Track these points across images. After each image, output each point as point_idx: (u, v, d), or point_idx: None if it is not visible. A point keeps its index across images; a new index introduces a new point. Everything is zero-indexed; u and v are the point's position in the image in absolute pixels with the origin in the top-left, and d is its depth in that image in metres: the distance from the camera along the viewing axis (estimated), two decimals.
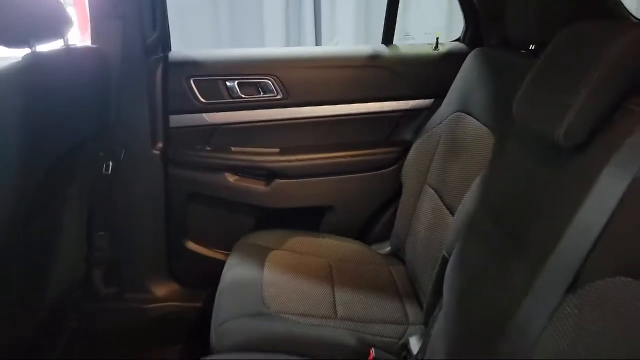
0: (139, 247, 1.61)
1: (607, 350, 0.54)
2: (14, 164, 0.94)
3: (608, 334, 0.54)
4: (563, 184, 0.69)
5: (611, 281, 0.55)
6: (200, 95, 1.53)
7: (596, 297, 0.56)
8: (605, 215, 0.58)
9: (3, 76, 0.89)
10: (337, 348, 1.08)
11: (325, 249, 1.44)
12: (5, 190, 0.94)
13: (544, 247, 0.66)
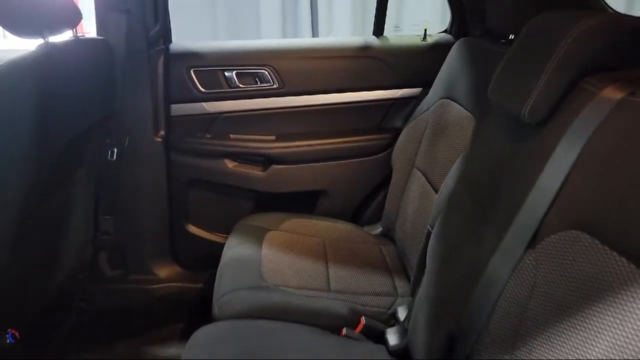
0: (142, 231, 1.69)
1: (560, 296, 0.62)
2: (30, 146, 1.01)
3: (560, 281, 0.63)
4: (527, 156, 0.77)
5: (563, 235, 0.63)
6: (200, 85, 1.61)
7: (550, 250, 0.65)
8: (559, 180, 0.67)
9: (21, 64, 0.97)
10: (331, 316, 1.16)
11: (319, 230, 1.52)
12: (21, 171, 1.02)
13: (509, 212, 0.74)
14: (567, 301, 0.61)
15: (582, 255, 0.60)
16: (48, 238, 1.23)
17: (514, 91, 0.83)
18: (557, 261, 0.64)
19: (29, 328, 1.14)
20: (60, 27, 1.14)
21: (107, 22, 1.44)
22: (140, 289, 1.72)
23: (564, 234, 0.63)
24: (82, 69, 1.23)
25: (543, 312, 0.64)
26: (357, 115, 1.68)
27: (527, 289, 0.67)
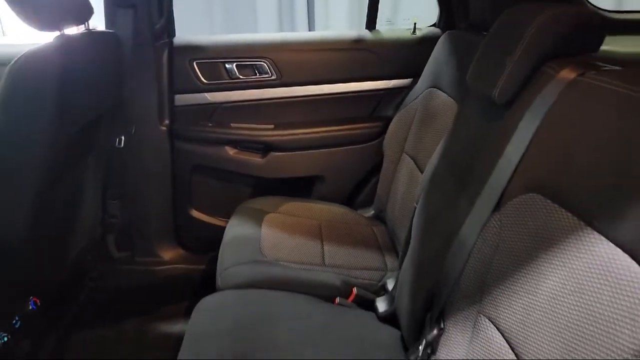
0: (148, 215, 1.79)
1: (519, 250, 0.72)
2: (49, 130, 1.11)
3: (520, 237, 0.72)
4: (497, 133, 0.87)
5: (523, 198, 0.73)
6: (202, 76, 1.70)
7: (512, 212, 0.75)
8: (521, 151, 0.76)
9: (42, 53, 1.07)
10: (325, 287, 1.26)
11: (316, 212, 1.62)
12: (41, 153, 1.11)
13: (481, 182, 0.84)
14: (524, 253, 0.70)
15: (538, 213, 0.70)
16: (62, 216, 1.33)
17: (487, 76, 0.92)
18: (517, 221, 0.74)
19: (46, 299, 1.24)
20: (74, 20, 1.23)
21: (115, 17, 1.54)
22: (146, 270, 1.82)
23: (524, 197, 0.73)
24: (94, 60, 1.33)
25: (505, 266, 0.74)
26: (350, 104, 1.77)
27: (492, 247, 0.77)
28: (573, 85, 0.73)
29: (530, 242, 0.70)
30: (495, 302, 0.74)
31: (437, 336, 0.86)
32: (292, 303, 1.17)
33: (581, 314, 0.57)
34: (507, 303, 0.71)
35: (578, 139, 0.67)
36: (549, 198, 0.68)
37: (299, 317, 1.12)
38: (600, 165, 0.61)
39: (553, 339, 0.60)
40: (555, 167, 0.69)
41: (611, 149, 0.61)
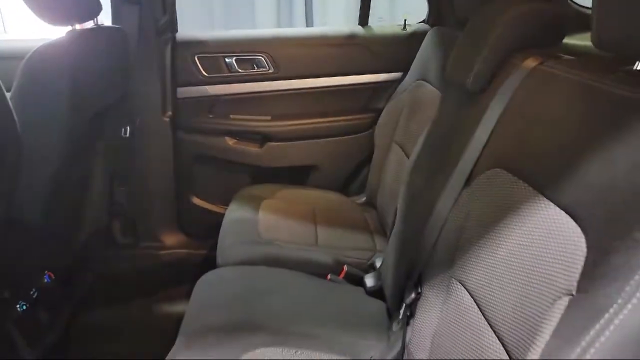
0: (151, 202, 1.88)
1: (486, 219, 0.81)
2: (64, 117, 1.20)
3: (486, 208, 0.82)
4: (470, 117, 0.96)
5: (489, 173, 0.83)
6: (204, 70, 1.79)
7: (480, 185, 0.84)
8: (488, 132, 0.86)
9: (56, 47, 1.16)
10: (318, 265, 1.35)
11: (310, 199, 1.71)
12: (58, 133, 1.20)
13: (455, 161, 0.93)
14: (489, 221, 0.80)
15: (501, 186, 0.79)
16: (73, 199, 1.42)
17: (463, 67, 1.02)
18: (484, 193, 0.83)
19: (60, 275, 1.33)
20: (85, 16, 1.32)
21: (121, 13, 1.63)
22: (150, 255, 1.91)
23: (490, 172, 0.83)
24: (102, 54, 1.42)
25: (473, 233, 0.83)
26: (344, 97, 1.87)
27: (462, 217, 0.87)
28: (533, 73, 0.82)
29: (494, 211, 0.79)
30: (465, 266, 0.83)
31: (415, 300, 0.95)
32: (286, 278, 1.27)
33: (531, 265, 0.66)
34: (474, 266, 0.80)
35: (534, 119, 0.76)
36: (510, 172, 0.78)
37: (293, 291, 1.22)
38: (549, 143, 0.71)
39: (509, 288, 0.69)
40: (516, 145, 0.79)
41: (559, 128, 0.70)
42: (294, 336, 1.03)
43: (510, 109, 0.83)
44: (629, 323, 0.47)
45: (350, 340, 1.05)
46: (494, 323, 0.72)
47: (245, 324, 1.06)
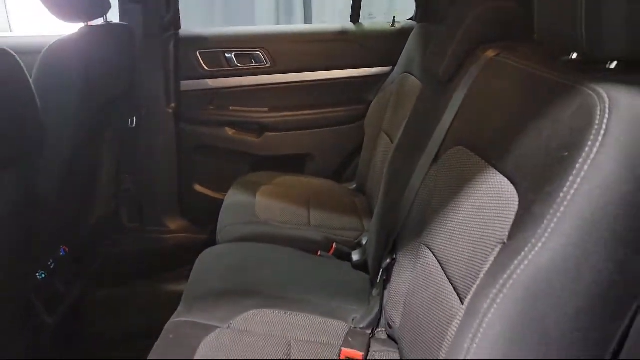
0: (156, 189, 2.00)
1: (448, 190, 0.93)
2: (77, 104, 1.32)
3: (449, 179, 0.93)
4: (440, 103, 1.08)
5: (452, 150, 0.94)
6: (205, 65, 1.91)
7: (445, 162, 0.96)
8: (452, 115, 0.98)
9: (70, 41, 1.28)
10: (309, 242, 1.47)
11: (304, 185, 1.83)
12: (71, 125, 1.32)
13: (425, 142, 1.05)
14: (451, 191, 0.91)
15: (461, 161, 0.91)
16: (85, 182, 1.55)
17: (436, 59, 1.14)
18: (447, 168, 0.95)
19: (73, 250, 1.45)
20: (95, 14, 1.44)
21: (128, 11, 1.75)
22: (155, 238, 2.03)
23: (452, 150, 0.94)
24: (111, 48, 1.54)
25: (438, 203, 0.95)
26: (336, 89, 1.98)
27: (430, 190, 0.98)
28: (489, 63, 0.94)
29: (454, 183, 0.91)
30: (431, 232, 0.95)
31: (390, 265, 1.07)
32: (279, 253, 1.39)
33: (480, 225, 0.78)
34: (438, 231, 0.92)
35: (488, 103, 0.88)
36: (468, 148, 0.89)
37: (285, 264, 1.34)
38: (499, 122, 0.82)
39: (464, 246, 0.81)
40: (474, 126, 0.90)
41: (506, 109, 0.82)
42: (284, 301, 1.15)
43: (469, 95, 0.95)
44: (539, 259, 0.59)
45: (335, 306, 1.17)
46: (451, 277, 0.83)
47: (241, 290, 1.19)
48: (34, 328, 1.22)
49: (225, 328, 1.05)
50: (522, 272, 0.60)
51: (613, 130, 0.56)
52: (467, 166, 0.88)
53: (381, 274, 1.09)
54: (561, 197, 0.58)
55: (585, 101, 0.61)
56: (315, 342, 1.04)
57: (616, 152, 0.56)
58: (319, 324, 1.09)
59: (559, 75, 0.71)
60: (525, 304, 0.59)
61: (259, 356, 0.97)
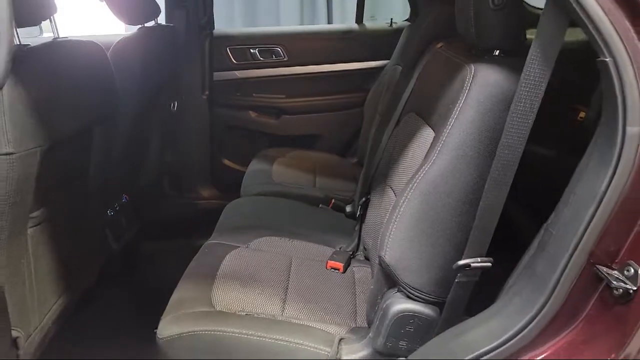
0: (192, 162, 2.42)
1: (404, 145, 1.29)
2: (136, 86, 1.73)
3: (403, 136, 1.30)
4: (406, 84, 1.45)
5: (406, 117, 1.31)
6: (233, 58, 2.32)
7: (401, 125, 1.33)
8: (410, 91, 1.34)
9: (132, 39, 1.70)
10: (312, 198, 1.85)
11: (313, 158, 2.21)
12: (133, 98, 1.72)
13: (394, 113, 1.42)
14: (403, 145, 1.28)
15: (410, 123, 1.27)
16: (139, 150, 1.97)
17: (408, 50, 1.50)
18: (402, 128, 1.31)
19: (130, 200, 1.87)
20: (149, 17, 1.86)
21: (173, 15, 2.17)
22: (190, 204, 2.44)
23: (407, 116, 1.31)
24: (160, 45, 1.96)
25: (397, 155, 1.31)
26: (342, 79, 2.37)
27: (392, 146, 1.35)
28: (435, 53, 1.30)
29: (406, 138, 1.27)
30: (392, 175, 1.31)
31: (365, 202, 1.45)
32: (288, 204, 1.78)
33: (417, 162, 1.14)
34: (396, 174, 1.29)
35: (427, 80, 1.25)
36: (415, 113, 1.26)
37: (292, 211, 1.72)
38: (432, 93, 1.19)
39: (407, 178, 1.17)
40: (419, 97, 1.27)
41: (435, 84, 1.18)
42: (289, 232, 1.53)
43: (420, 76, 1.32)
44: (430, 171, 0.95)
45: (327, 238, 1.55)
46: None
47: (257, 225, 1.58)
48: (104, 252, 1.64)
49: (244, 247, 1.44)
50: (420, 180, 0.97)
51: (473, 91, 0.93)
52: (413, 126, 1.24)
53: (359, 210, 1.47)
54: (444, 132, 0.95)
55: (463, 74, 0.97)
56: (309, 259, 1.42)
57: (474, 104, 0.92)
58: (314, 247, 1.47)
59: (461, 59, 1.07)
60: (423, 198, 0.96)
61: (268, 265, 1.35)
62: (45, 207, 1.19)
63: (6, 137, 0.98)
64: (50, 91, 1.15)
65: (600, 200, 0.73)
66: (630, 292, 0.72)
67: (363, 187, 1.56)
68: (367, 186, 1.49)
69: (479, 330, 0.86)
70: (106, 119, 1.47)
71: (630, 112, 0.70)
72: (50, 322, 1.27)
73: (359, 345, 1.10)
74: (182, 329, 1.09)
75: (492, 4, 0.94)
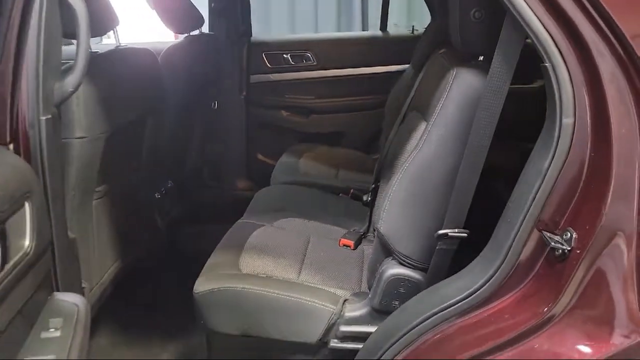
0: (229, 156, 2.68)
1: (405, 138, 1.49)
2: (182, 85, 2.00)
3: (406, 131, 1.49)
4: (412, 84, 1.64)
5: (411, 114, 1.50)
6: (268, 63, 2.57)
7: (405, 121, 1.52)
8: (414, 91, 1.53)
9: (180, 45, 1.97)
10: (334, 188, 2.06)
11: (337, 153, 2.42)
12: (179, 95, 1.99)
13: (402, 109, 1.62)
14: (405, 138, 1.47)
15: (411, 118, 1.46)
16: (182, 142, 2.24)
17: (417, 55, 1.70)
18: (405, 124, 1.51)
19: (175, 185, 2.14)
20: (194, 27, 2.13)
21: (215, 24, 2.44)
22: (227, 194, 2.70)
23: (411, 113, 1.50)
24: (204, 50, 2.23)
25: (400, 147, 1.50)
26: (366, 82, 2.57)
27: (398, 140, 1.54)
28: (435, 57, 1.49)
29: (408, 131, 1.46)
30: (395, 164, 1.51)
31: (375, 189, 1.64)
32: (311, 192, 1.99)
33: None
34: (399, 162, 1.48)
35: (426, 82, 1.43)
36: (416, 111, 1.45)
37: (314, 198, 1.94)
38: (429, 91, 1.38)
39: None
40: (419, 96, 1.46)
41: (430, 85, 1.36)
42: (308, 215, 1.75)
43: (422, 78, 1.51)
44: (418, 156, 1.14)
45: (344, 221, 1.75)
46: None
47: (281, 208, 1.80)
48: (152, 229, 1.91)
49: (270, 225, 1.67)
50: (410, 164, 1.16)
51: (453, 91, 1.12)
52: (414, 122, 1.43)
53: (370, 196, 1.67)
54: (429, 125, 1.14)
55: (447, 76, 1.16)
56: (325, 237, 1.63)
57: (454, 101, 1.11)
58: (330, 228, 1.68)
59: (450, 63, 1.25)
60: (412, 179, 1.16)
61: (288, 240, 1.57)
62: (106, 184, 1.46)
63: (80, 124, 1.25)
64: (112, 89, 1.42)
65: (543, 177, 0.91)
66: (565, 252, 0.89)
67: (375, 176, 1.76)
68: (377, 175, 1.69)
69: (450, 287, 1.05)
70: (156, 112, 1.74)
71: (564, 106, 0.87)
72: (108, 281, 1.54)
73: (359, 304, 1.30)
74: (214, 286, 1.33)
75: (473, 18, 1.13)
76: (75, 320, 0.83)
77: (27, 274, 0.78)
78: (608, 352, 0.87)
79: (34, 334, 0.79)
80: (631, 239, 0.84)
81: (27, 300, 0.79)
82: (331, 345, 1.28)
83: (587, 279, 0.87)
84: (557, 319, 0.90)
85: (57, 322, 0.81)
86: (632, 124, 0.84)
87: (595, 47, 0.84)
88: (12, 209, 0.75)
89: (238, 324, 1.32)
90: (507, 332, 0.95)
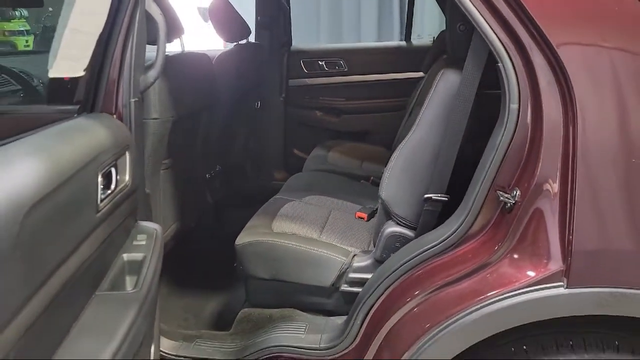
0: (269, 151, 3.06)
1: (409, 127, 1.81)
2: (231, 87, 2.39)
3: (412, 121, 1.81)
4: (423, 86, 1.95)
5: (416, 109, 1.82)
6: (305, 69, 2.94)
7: (411, 114, 1.84)
8: (420, 88, 1.85)
9: (230, 52, 2.36)
10: (357, 176, 2.39)
11: (363, 149, 2.74)
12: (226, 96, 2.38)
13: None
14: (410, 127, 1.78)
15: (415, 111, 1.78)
16: (230, 137, 2.63)
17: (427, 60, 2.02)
18: (411, 118, 1.82)
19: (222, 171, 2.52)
20: (243, 36, 2.53)
21: (260, 34, 2.84)
22: (267, 184, 3.07)
23: (416, 108, 1.82)
24: (250, 58, 2.62)
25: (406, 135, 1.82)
26: (391, 86, 2.90)
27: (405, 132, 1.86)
28: (439, 61, 1.80)
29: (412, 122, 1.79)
30: None
31: None
32: (336, 178, 2.33)
33: None
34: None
35: (428, 80, 1.75)
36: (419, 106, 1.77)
37: (338, 183, 2.28)
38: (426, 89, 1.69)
39: None
40: (423, 94, 1.78)
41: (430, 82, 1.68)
42: (332, 194, 2.08)
43: (426, 78, 1.83)
44: (411, 138, 1.46)
45: (361, 200, 2.08)
46: None
47: (309, 188, 2.15)
48: (203, 203, 2.30)
49: (298, 201, 2.01)
50: (406, 143, 1.48)
51: (439, 87, 1.43)
52: (416, 113, 1.75)
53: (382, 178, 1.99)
54: (421, 113, 1.46)
55: (437, 74, 1.48)
56: (344, 211, 1.96)
57: (439, 94, 1.43)
58: (349, 205, 2.01)
59: (443, 65, 1.57)
60: (407, 156, 1.48)
61: (313, 212, 1.91)
62: (171, 158, 1.85)
63: (155, 108, 1.64)
64: (179, 83, 1.81)
65: (496, 149, 1.21)
66: (511, 204, 1.19)
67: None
68: None
69: (430, 236, 1.36)
70: (209, 108, 2.13)
71: (510, 94, 1.18)
72: (168, 237, 1.92)
73: (365, 257, 1.62)
74: (251, 239, 1.68)
75: (459, 30, 1.44)
76: (155, 237, 1.20)
77: (125, 201, 1.15)
78: (545, 273, 1.15)
79: (128, 242, 1.16)
80: (555, 192, 1.13)
81: (124, 219, 1.16)
82: (342, 289, 1.61)
83: (525, 222, 1.16)
84: (506, 252, 1.20)
85: (143, 237, 1.18)
86: (557, 108, 1.13)
87: (531, 51, 1.14)
88: (120, 152, 1.12)
89: (269, 269, 1.67)
90: (471, 265, 1.25)
